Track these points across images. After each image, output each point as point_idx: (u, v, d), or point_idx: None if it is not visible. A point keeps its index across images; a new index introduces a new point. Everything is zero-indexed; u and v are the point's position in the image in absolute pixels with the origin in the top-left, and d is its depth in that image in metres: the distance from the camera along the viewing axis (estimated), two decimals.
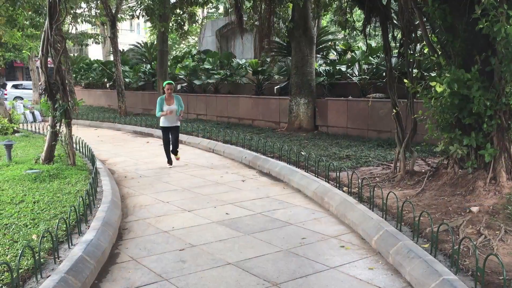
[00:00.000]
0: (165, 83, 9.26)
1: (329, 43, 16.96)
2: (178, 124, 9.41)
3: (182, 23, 14.03)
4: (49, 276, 3.79)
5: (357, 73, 14.01)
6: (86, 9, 22.41)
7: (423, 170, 6.98)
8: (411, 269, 4.02)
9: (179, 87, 19.23)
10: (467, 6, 5.44)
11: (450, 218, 4.94)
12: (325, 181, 7.06)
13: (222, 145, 11.11)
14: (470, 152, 5.64)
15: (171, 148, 9.44)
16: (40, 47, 8.27)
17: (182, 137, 12.93)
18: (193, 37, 35.08)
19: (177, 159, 9.56)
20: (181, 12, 13.60)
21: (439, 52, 6.07)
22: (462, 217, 4.89)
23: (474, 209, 4.94)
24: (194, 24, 15.52)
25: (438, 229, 4.31)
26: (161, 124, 9.31)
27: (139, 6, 13.77)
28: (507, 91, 5.04)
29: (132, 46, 27.58)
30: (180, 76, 19.14)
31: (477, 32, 5.25)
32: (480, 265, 3.56)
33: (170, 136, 9.30)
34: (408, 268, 4.05)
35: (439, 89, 5.33)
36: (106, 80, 24.92)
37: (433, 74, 7.19)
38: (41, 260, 4.00)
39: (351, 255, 4.66)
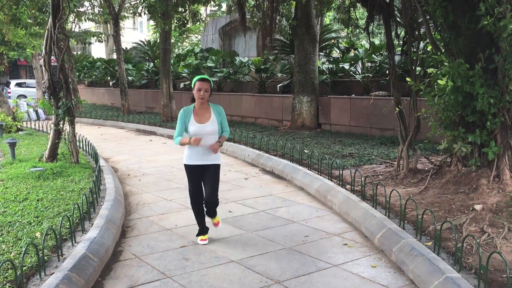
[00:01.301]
0: (195, 79, 4.78)
1: (332, 41, 16.93)
2: (218, 161, 4.96)
3: (186, 21, 14.00)
4: (53, 273, 3.81)
5: (360, 71, 13.99)
6: (89, 8, 22.43)
7: (426, 168, 6.96)
8: (414, 267, 4.02)
9: (182, 85, 19.24)
10: (470, 4, 5.43)
11: (453, 216, 4.93)
12: (328, 179, 7.05)
13: (225, 143, 11.11)
14: (473, 150, 5.63)
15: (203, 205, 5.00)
16: (44, 46, 8.29)
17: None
18: (196, 35, 35.06)
19: (216, 224, 5.21)
20: (183, 10, 13.58)
21: (442, 50, 6.05)
22: (465, 215, 4.88)
23: (478, 207, 4.93)
24: (198, 22, 15.47)
25: (441, 227, 4.30)
26: (185, 161, 4.89)
27: (141, 4, 13.75)
28: (510, 88, 5.02)
29: (135, 44, 27.60)
30: (183, 74, 19.15)
31: (480, 29, 5.24)
32: (484, 263, 3.56)
33: (201, 184, 4.97)
34: (411, 266, 4.05)
35: (441, 82, 5.29)
36: (109, 78, 24.96)
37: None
38: (45, 257, 4.02)
39: (354, 253, 4.66)
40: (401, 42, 7.76)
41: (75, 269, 3.88)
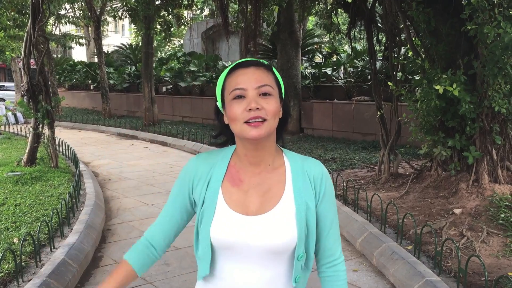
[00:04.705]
0: (230, 67, 1.51)
1: (315, 46, 17.05)
2: None
3: (170, 25, 13.91)
4: (31, 279, 3.73)
5: (342, 76, 14.11)
6: (70, 10, 22.19)
7: (407, 173, 7.03)
8: (394, 270, 4.04)
9: (164, 89, 19.14)
10: (450, 11, 5.51)
11: (434, 220, 4.98)
12: None
13: (208, 147, 11.07)
14: (453, 155, 5.71)
15: None
16: (23, 48, 8.16)
17: (166, 139, 12.89)
18: (178, 39, 34.95)
19: None
20: (167, 14, 13.50)
21: (423, 56, 6.13)
22: (445, 219, 4.94)
23: (457, 211, 4.99)
24: (183, 26, 15.38)
25: (422, 231, 4.34)
26: None
27: (122, 8, 13.60)
28: (489, 94, 5.11)
29: (116, 48, 27.38)
30: (165, 78, 19.06)
31: (460, 36, 5.31)
32: (463, 267, 3.60)
33: None
34: (392, 270, 4.07)
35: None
36: (90, 81, 24.70)
37: (417, 77, 7.25)
38: (23, 263, 3.94)
39: None
40: (382, 48, 7.85)
41: (54, 275, 3.81)
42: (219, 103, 1.46)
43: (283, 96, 1.45)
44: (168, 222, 1.55)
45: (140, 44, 22.74)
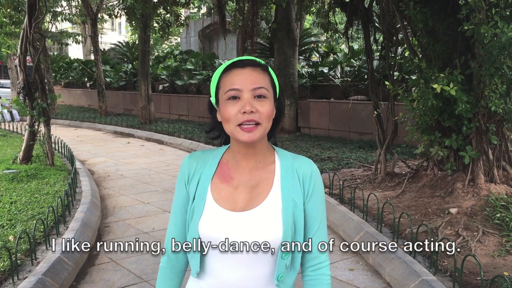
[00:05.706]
0: (224, 66, 1.46)
1: (312, 45, 17.06)
2: None
3: (169, 24, 13.85)
4: (26, 277, 3.72)
5: (339, 75, 14.11)
6: (67, 8, 22.10)
7: (403, 172, 7.04)
8: (390, 270, 4.05)
9: (160, 87, 19.11)
10: (447, 11, 5.52)
11: (430, 219, 4.99)
12: None
13: (204, 146, 11.06)
14: (449, 154, 5.72)
15: None
16: (19, 45, 8.12)
17: (163, 137, 12.88)
18: (175, 37, 34.87)
19: None
20: (166, 13, 13.45)
21: (420, 55, 6.14)
22: (441, 218, 4.95)
23: (453, 210, 5.00)
24: (181, 26, 15.33)
25: (418, 230, 4.35)
26: None
27: (118, 6, 13.53)
28: (486, 94, 5.12)
29: (113, 45, 27.31)
30: (162, 76, 19.03)
31: (457, 35, 5.33)
32: (458, 266, 3.60)
33: None
34: (388, 269, 4.08)
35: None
36: (86, 79, 24.62)
37: (414, 77, 7.26)
38: (18, 261, 3.92)
39: (331, 256, 4.67)
40: (379, 47, 7.85)
41: (49, 273, 3.80)
42: (212, 99, 1.47)
43: (277, 96, 1.45)
44: (183, 229, 1.54)
45: (137, 42, 22.69)
